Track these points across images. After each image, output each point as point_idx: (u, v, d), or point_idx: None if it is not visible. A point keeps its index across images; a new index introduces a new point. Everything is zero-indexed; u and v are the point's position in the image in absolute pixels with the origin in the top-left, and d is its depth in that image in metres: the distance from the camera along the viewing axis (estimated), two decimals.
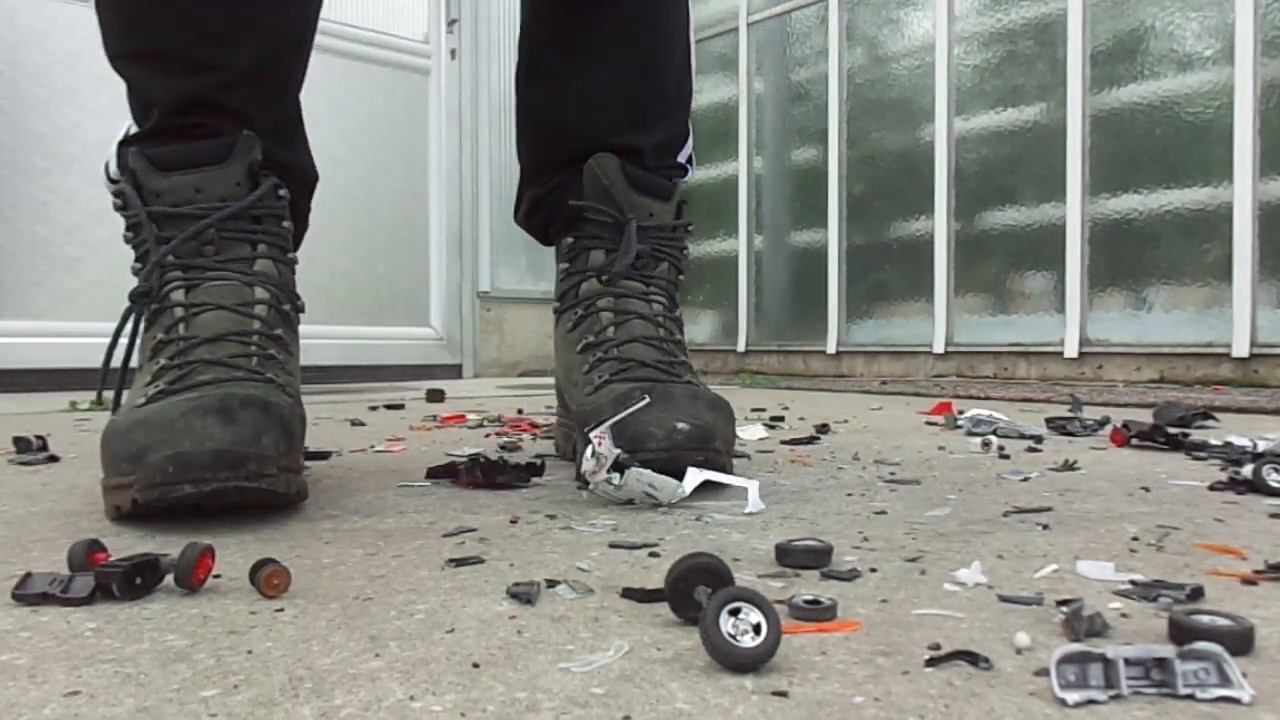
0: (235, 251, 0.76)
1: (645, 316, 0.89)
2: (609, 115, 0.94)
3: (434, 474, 0.87)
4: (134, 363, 0.78)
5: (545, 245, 1.03)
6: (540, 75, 1.00)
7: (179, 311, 0.74)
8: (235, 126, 0.77)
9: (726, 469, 0.79)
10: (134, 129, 0.81)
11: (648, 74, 0.95)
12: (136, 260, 0.77)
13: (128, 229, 0.77)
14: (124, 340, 0.76)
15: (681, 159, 1.00)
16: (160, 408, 0.66)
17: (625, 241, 0.89)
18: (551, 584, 0.50)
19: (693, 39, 1.01)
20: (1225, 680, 0.34)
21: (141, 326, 0.76)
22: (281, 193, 0.79)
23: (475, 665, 0.38)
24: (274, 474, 0.65)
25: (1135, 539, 0.61)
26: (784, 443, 1.19)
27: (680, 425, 0.75)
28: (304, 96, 0.89)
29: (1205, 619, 0.40)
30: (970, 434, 1.26)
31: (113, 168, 0.80)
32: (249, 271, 0.76)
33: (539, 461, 0.89)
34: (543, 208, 0.99)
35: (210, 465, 0.61)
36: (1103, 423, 1.30)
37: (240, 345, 0.73)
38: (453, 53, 3.55)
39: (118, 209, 0.78)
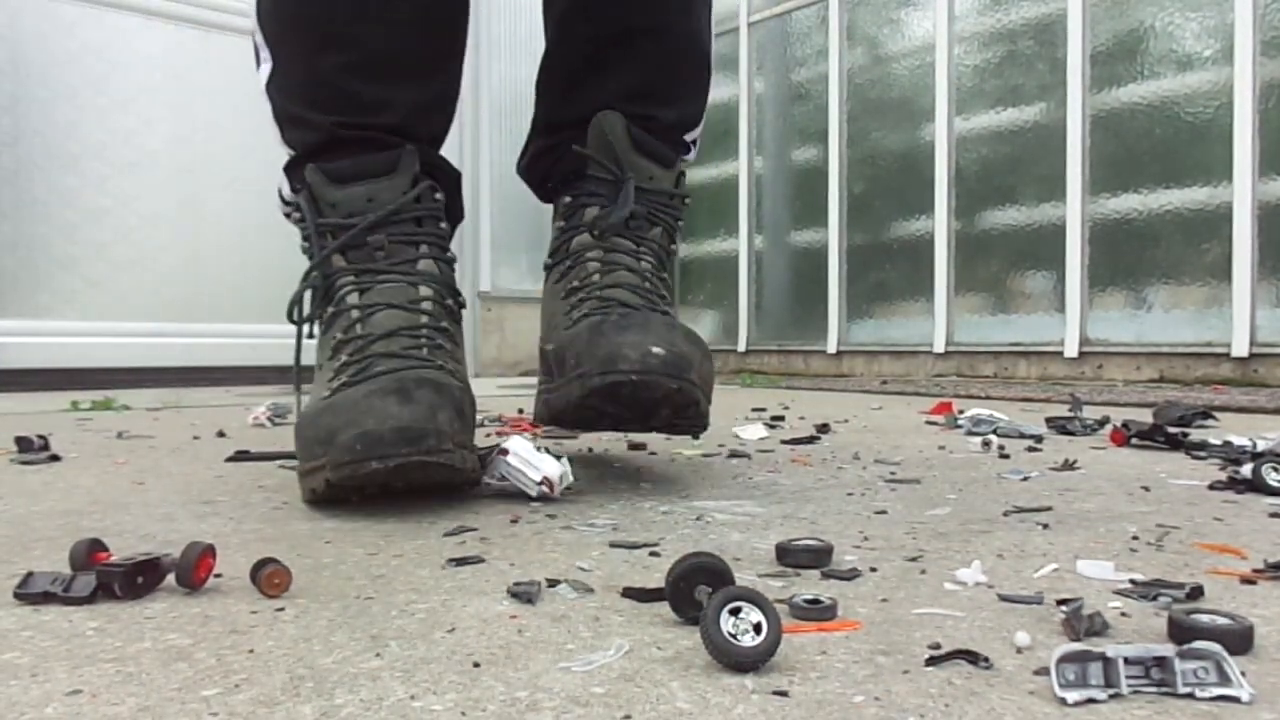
0: (402, 255, 0.82)
1: (633, 269, 0.88)
2: (623, 81, 0.94)
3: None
4: (309, 361, 0.85)
5: (543, 201, 1.02)
6: (563, 31, 1.00)
7: (355, 313, 0.80)
8: (398, 140, 0.85)
9: (701, 406, 0.78)
10: (291, 153, 0.88)
11: (664, 51, 0.95)
12: (312, 269, 0.83)
13: (303, 239, 0.84)
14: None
15: (688, 138, 1.00)
16: (345, 395, 0.72)
17: (622, 196, 0.89)
18: (552, 583, 0.50)
19: (711, 31, 1.01)
20: (1225, 679, 0.34)
21: (319, 330, 0.84)
22: (438, 196, 0.86)
23: (476, 664, 0.38)
24: (450, 449, 0.69)
25: (1135, 538, 0.61)
26: (784, 442, 1.19)
27: (655, 349, 0.74)
28: None
29: (1205, 618, 0.40)
30: (970, 434, 1.26)
31: (285, 190, 0.89)
32: (413, 272, 0.82)
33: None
34: (545, 160, 0.99)
35: (394, 441, 0.66)
36: (1103, 422, 1.30)
37: (411, 338, 0.78)
38: None
39: (296, 222, 0.86)
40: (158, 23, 2.86)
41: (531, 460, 0.74)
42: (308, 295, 0.83)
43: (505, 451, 0.76)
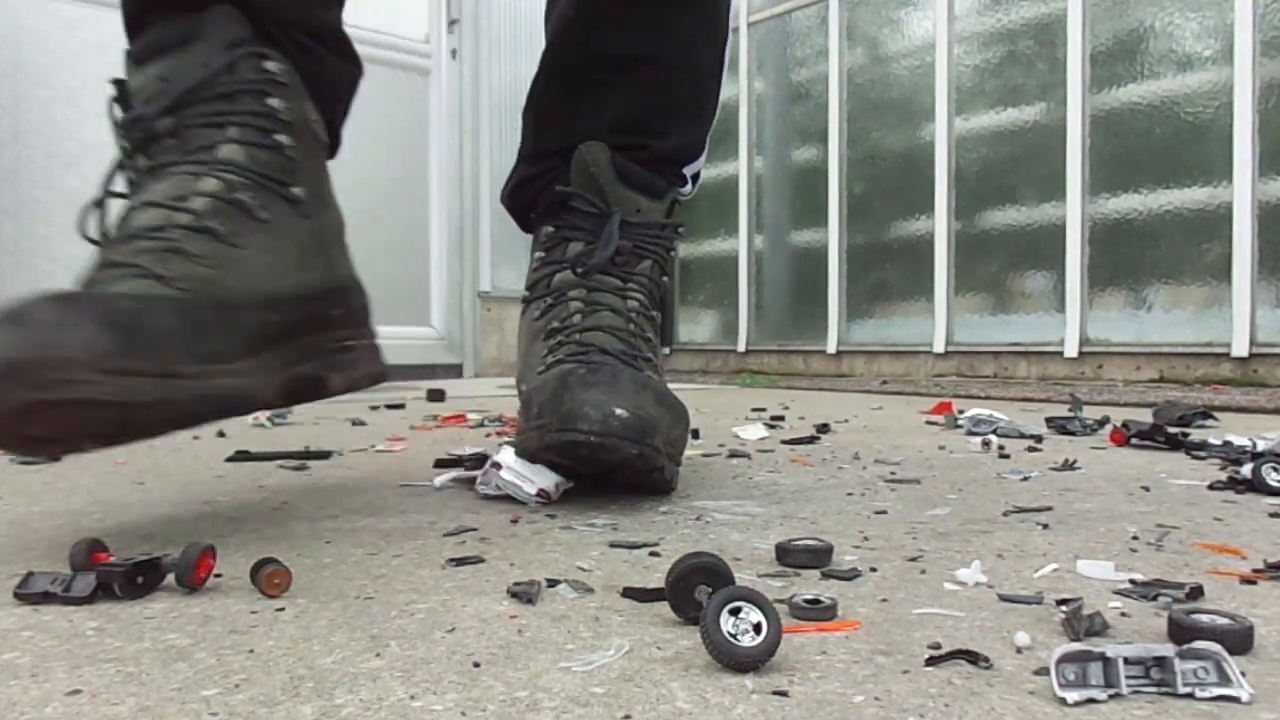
0: (197, 140, 0.66)
1: (617, 310, 0.84)
2: (617, 110, 0.90)
3: (442, 464, 0.93)
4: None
5: (525, 230, 0.98)
6: (558, 55, 0.95)
7: (121, 210, 0.66)
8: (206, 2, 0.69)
9: (665, 472, 0.74)
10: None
11: (664, 81, 0.91)
12: (109, 175, 0.69)
13: (117, 138, 0.70)
14: None
15: (688, 172, 0.96)
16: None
17: (605, 235, 0.84)
18: (552, 583, 0.50)
19: (726, 60, 0.97)
20: (1224, 679, 0.34)
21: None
22: (268, 65, 0.70)
23: (476, 664, 0.38)
24: (90, 380, 0.54)
25: (1135, 538, 0.61)
26: (784, 442, 1.19)
27: (619, 411, 0.69)
28: None
29: (1205, 618, 0.40)
30: (970, 434, 1.26)
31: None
32: (205, 160, 0.66)
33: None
34: (529, 190, 0.94)
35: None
36: (1102, 422, 1.30)
37: (150, 241, 0.62)
38: (453, 53, 3.55)
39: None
40: None
41: (525, 473, 0.74)
42: (95, 211, 0.68)
43: (499, 465, 0.75)
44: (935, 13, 2.99)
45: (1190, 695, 0.34)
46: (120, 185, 0.68)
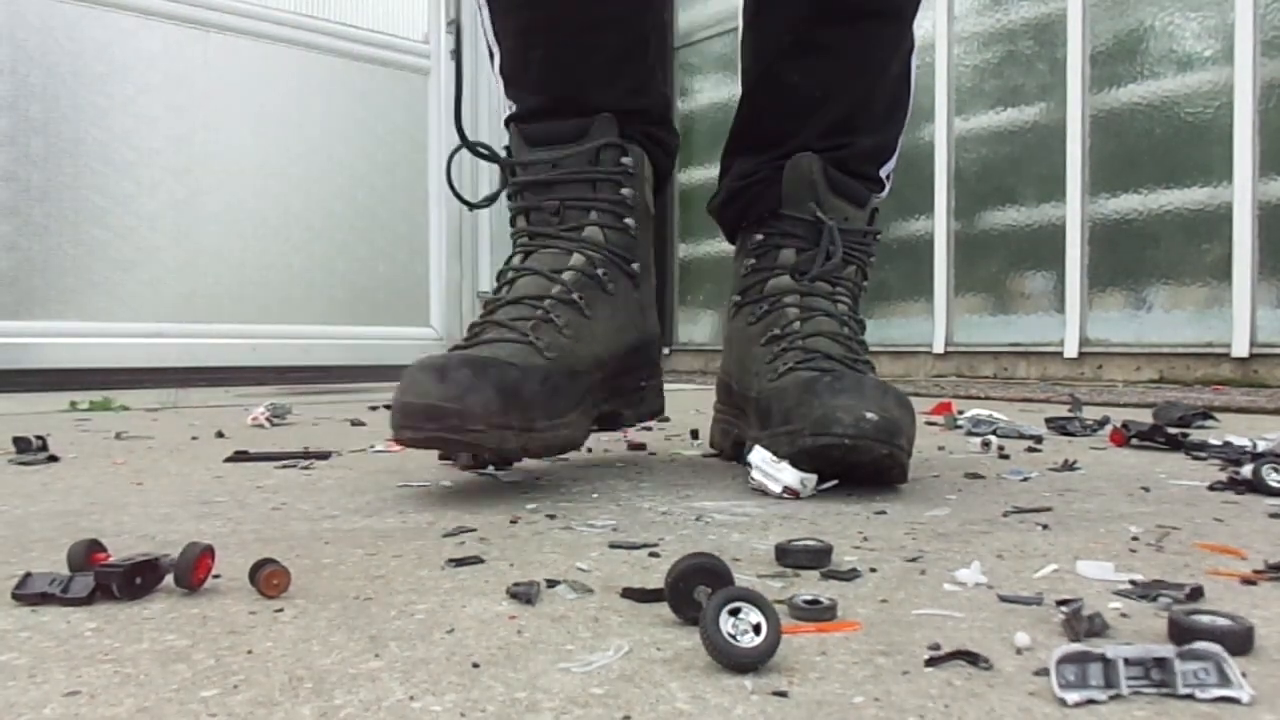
0: (571, 220, 0.88)
1: (831, 314, 0.90)
2: (818, 130, 0.96)
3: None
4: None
5: (730, 241, 1.04)
6: (756, 99, 1.03)
7: (510, 274, 0.87)
8: (598, 109, 0.88)
9: (905, 467, 0.79)
10: (512, 108, 0.94)
11: (859, 102, 0.97)
12: (511, 221, 0.92)
13: (507, 194, 0.92)
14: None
15: (882, 173, 1.01)
16: (419, 362, 0.76)
17: (825, 243, 0.91)
18: (551, 584, 0.50)
19: (913, 64, 1.02)
20: (1225, 680, 0.34)
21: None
22: (624, 160, 0.89)
23: (475, 665, 0.38)
24: (480, 430, 0.72)
25: (1135, 539, 0.61)
26: None
27: (869, 415, 0.74)
28: (303, 97, 0.91)
29: (1205, 619, 0.40)
30: (970, 434, 1.26)
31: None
32: (576, 239, 0.87)
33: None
34: (740, 200, 1.00)
35: (421, 416, 0.72)
36: (1102, 423, 1.30)
37: (530, 308, 0.83)
38: (453, 53, 3.55)
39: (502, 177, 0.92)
40: (157, 23, 2.86)
41: (771, 472, 0.77)
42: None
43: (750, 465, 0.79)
44: (935, 13, 2.98)
45: (1190, 696, 0.34)
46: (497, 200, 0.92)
